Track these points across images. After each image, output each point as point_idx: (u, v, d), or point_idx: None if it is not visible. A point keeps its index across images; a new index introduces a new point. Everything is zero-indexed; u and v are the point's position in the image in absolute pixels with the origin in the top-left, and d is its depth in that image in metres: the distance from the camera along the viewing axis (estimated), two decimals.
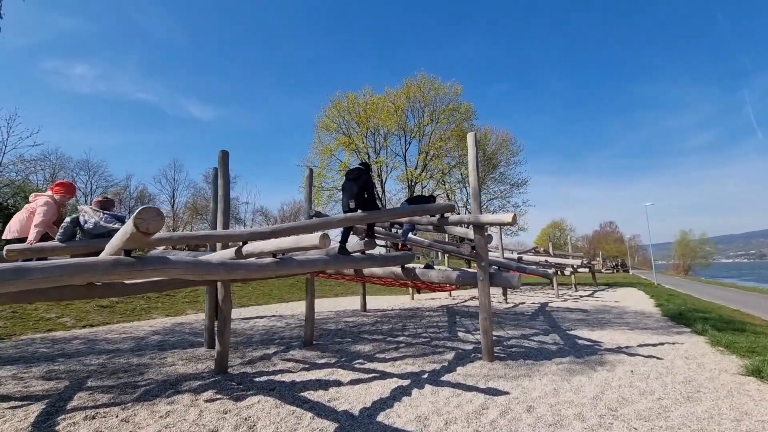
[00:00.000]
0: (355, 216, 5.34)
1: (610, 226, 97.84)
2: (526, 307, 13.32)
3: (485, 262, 5.77)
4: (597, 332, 8.22)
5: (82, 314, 11.47)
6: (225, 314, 5.29)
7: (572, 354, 6.26)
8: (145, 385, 4.87)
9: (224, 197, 5.54)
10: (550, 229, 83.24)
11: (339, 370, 5.48)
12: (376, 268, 6.90)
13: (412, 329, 8.88)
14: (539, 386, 4.64)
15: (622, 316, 10.70)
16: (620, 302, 14.68)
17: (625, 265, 71.37)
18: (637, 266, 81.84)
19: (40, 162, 33.41)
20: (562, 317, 10.65)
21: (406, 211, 6.03)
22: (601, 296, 17.54)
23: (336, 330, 8.98)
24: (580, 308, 12.76)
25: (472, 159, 6.00)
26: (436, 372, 5.29)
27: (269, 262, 4.19)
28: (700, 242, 71.93)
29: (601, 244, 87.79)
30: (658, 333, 8.08)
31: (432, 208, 6.18)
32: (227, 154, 5.63)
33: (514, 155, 33.04)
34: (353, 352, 6.67)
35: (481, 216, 5.73)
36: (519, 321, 10.03)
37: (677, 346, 6.79)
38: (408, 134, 28.28)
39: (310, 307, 7.29)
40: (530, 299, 16.49)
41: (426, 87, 27.10)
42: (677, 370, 5.28)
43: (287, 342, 7.61)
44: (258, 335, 8.44)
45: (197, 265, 3.48)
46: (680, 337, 7.65)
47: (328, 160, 26.83)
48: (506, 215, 5.44)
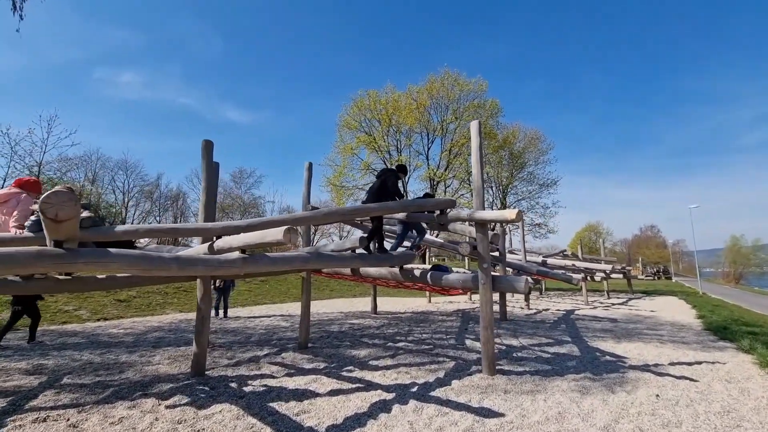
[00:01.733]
0: (341, 210, 4.90)
1: (652, 230, 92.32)
2: (549, 314, 12.39)
3: (487, 263, 5.17)
4: (623, 345, 7.35)
5: (99, 307, 11.72)
6: (203, 313, 4.99)
7: (589, 370, 5.52)
8: (117, 385, 4.64)
9: (207, 189, 5.26)
10: (585, 233, 79.69)
11: (323, 377, 5.05)
12: (371, 269, 6.44)
13: (418, 334, 8.33)
14: (542, 408, 4.00)
15: (656, 328, 9.65)
16: (656, 312, 13.41)
17: (667, 272, 67.15)
18: (681, 273, 76.72)
19: (83, 161, 35.29)
20: (587, 327, 9.73)
21: (400, 206, 5.52)
22: (635, 305, 16.19)
23: (338, 332, 8.58)
24: (609, 317, 11.71)
25: (476, 149, 5.41)
26: (428, 385, 4.75)
27: (234, 259, 3.82)
28: (754, 248, 66.26)
29: (641, 249, 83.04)
30: (696, 349, 7.11)
31: (429, 203, 5.63)
32: (211, 144, 5.34)
33: (543, 154, 31.60)
34: (347, 357, 6.23)
35: (480, 212, 5.13)
36: (537, 329, 9.24)
37: (717, 366, 5.87)
38: (431, 132, 27.58)
39: (306, 307, 6.91)
40: (556, 305, 15.45)
41: (449, 83, 26.26)
42: (714, 396, 4.46)
43: (284, 344, 7.28)
44: (257, 335, 8.18)
45: (143, 259, 3.15)
46: (722, 354, 6.67)
47: (349, 159, 26.64)
48: (509, 211, 4.82)
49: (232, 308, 13.51)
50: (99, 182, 39.19)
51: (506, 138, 29.35)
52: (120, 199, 39.80)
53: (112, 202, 37.62)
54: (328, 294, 19.00)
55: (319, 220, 5.07)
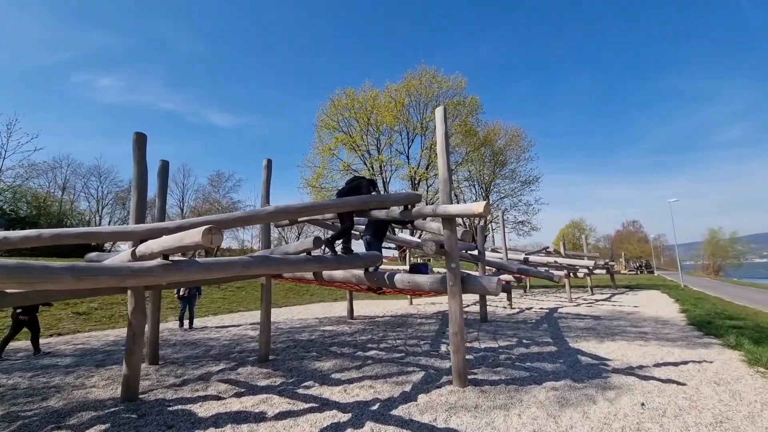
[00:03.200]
0: (290, 207, 4.35)
1: (634, 225, 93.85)
2: (532, 313, 12.03)
3: (455, 263, 4.68)
4: (606, 345, 6.97)
5: (53, 322, 10.89)
6: (134, 329, 4.37)
7: (570, 375, 5.08)
8: (30, 416, 3.99)
9: (138, 188, 4.64)
10: (569, 229, 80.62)
11: (275, 397, 4.48)
12: (336, 272, 5.90)
13: (392, 340, 7.81)
14: (515, 426, 3.52)
15: (639, 325, 9.34)
16: (639, 307, 13.18)
17: (649, 266, 68.27)
18: (663, 267, 78.10)
19: (51, 168, 33.74)
20: (569, 326, 9.37)
21: (359, 201, 4.99)
22: (618, 300, 16.01)
23: (307, 341, 7.99)
24: (593, 314, 11.40)
25: (441, 137, 4.94)
26: (391, 401, 4.23)
27: (151, 266, 3.23)
28: (731, 241, 67.76)
29: (623, 245, 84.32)
30: (681, 346, 6.77)
31: (391, 199, 5.12)
32: (143, 137, 4.73)
33: (524, 151, 31.46)
34: (309, 370, 5.67)
35: (446, 206, 4.64)
36: (518, 330, 8.82)
37: (704, 365, 5.51)
38: (411, 131, 27.14)
39: (266, 317, 6.33)
40: (539, 304, 15.14)
41: (427, 80, 25.87)
42: (704, 402, 4.06)
43: (245, 357, 6.67)
44: (219, 347, 7.54)
45: (21, 270, 2.55)
46: (708, 352, 6.33)
47: (329, 159, 25.98)
48: (476, 205, 4.35)
49: (202, 317, 12.78)
50: (70, 189, 37.67)
51: (487, 135, 29.12)
52: (94, 206, 38.35)
53: (83, 209, 36.15)
54: (308, 298, 18.32)
55: (263, 218, 4.51)
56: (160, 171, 6.67)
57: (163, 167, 6.68)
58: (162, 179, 6.66)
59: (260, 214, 4.42)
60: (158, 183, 6.72)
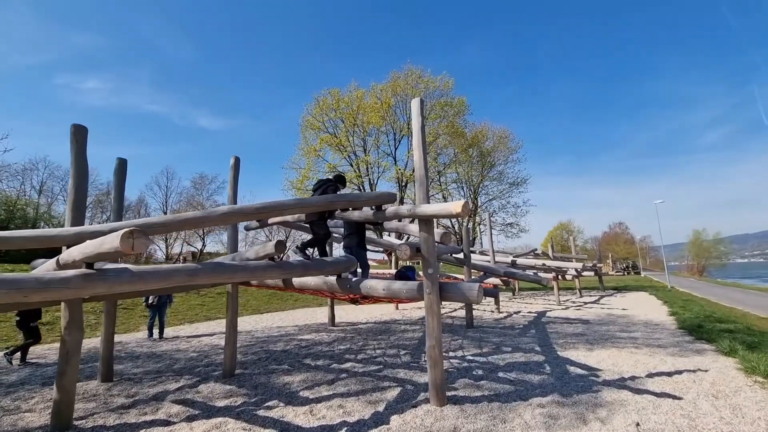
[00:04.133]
0: (246, 208, 3.88)
1: (620, 227, 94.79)
2: (520, 318, 11.68)
3: (433, 268, 4.26)
4: (596, 353, 6.61)
5: (13, 333, 10.15)
6: (68, 347, 3.83)
7: (558, 390, 4.69)
8: None
9: (76, 186, 4.12)
10: (557, 231, 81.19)
11: (230, 421, 3.98)
12: (309, 278, 5.43)
13: (371, 350, 7.35)
14: None
15: (629, 329, 9.04)
16: (628, 310, 12.95)
17: (636, 267, 69.04)
18: (648, 268, 79.00)
19: (26, 170, 32.50)
20: (558, 331, 9.02)
21: (325, 201, 4.54)
22: (607, 303, 15.79)
23: (281, 352, 7.47)
24: (582, 318, 11.09)
25: (417, 131, 4.52)
26: (361, 424, 3.77)
27: (68, 277, 2.73)
28: (715, 242, 68.94)
29: (610, 246, 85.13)
30: (674, 354, 6.44)
31: (362, 198, 4.67)
32: (82, 130, 4.22)
33: (512, 152, 31.35)
34: (276, 387, 5.18)
35: (423, 206, 4.22)
36: (504, 337, 8.43)
37: (700, 375, 5.16)
38: (397, 132, 26.76)
39: (231, 328, 5.82)
40: (528, 307, 14.82)
41: (413, 81, 25.54)
42: (704, 421, 3.68)
43: (210, 371, 6.13)
44: (185, 360, 6.99)
45: None
46: (702, 359, 6.01)
47: (314, 161, 25.43)
48: (453, 204, 3.94)
49: (176, 326, 12.12)
50: (48, 192, 36.37)
51: (475, 137, 28.92)
52: None
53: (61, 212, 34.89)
54: (292, 304, 17.72)
55: (216, 220, 4.03)
56: (117, 169, 6.15)
57: (120, 165, 6.16)
58: (118, 178, 6.14)
59: (212, 216, 3.93)
60: (114, 182, 6.20)
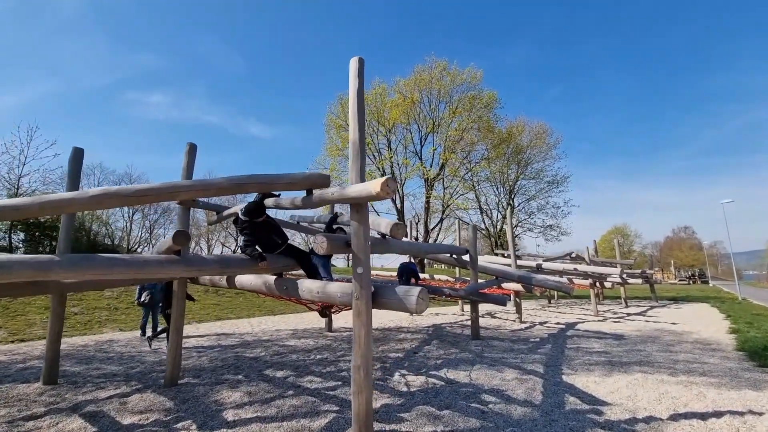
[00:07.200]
0: (123, 190, 3.21)
1: (685, 231, 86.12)
2: (542, 329, 10.23)
3: (363, 267, 3.33)
4: (613, 379, 5.25)
5: (23, 327, 10.45)
6: None
7: (538, 431, 3.55)
8: None
9: None
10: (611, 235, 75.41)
11: None
12: (244, 277, 4.70)
13: (345, 362, 6.46)
14: None
15: (671, 349, 7.40)
16: (679, 325, 10.96)
17: (703, 276, 62.26)
18: (720, 277, 70.88)
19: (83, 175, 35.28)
20: (579, 347, 7.59)
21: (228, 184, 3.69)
22: (655, 315, 13.67)
23: (252, 359, 6.82)
24: (616, 333, 9.45)
25: (354, 94, 3.60)
26: None
27: None
28: None
29: (673, 252, 77.62)
30: (719, 385, 4.93)
31: (283, 180, 3.80)
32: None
33: (551, 149, 28.97)
34: (207, 403, 4.47)
35: (349, 188, 3.30)
36: (508, 353, 7.18)
37: (750, 420, 3.73)
38: (423, 129, 25.62)
39: (176, 332, 5.24)
40: (558, 317, 13.17)
41: (438, 74, 24.24)
42: None
43: (161, 378, 5.59)
44: (150, 363, 6.57)
45: None
46: (759, 396, 4.48)
47: (339, 160, 25.02)
48: (372, 183, 3.00)
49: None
50: None
51: (509, 132, 27.00)
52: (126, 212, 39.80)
53: None
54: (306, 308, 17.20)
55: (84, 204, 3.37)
56: (72, 158, 5.85)
57: (75, 154, 5.85)
58: (73, 166, 5.83)
59: (79, 200, 3.31)
60: (68, 171, 5.90)
